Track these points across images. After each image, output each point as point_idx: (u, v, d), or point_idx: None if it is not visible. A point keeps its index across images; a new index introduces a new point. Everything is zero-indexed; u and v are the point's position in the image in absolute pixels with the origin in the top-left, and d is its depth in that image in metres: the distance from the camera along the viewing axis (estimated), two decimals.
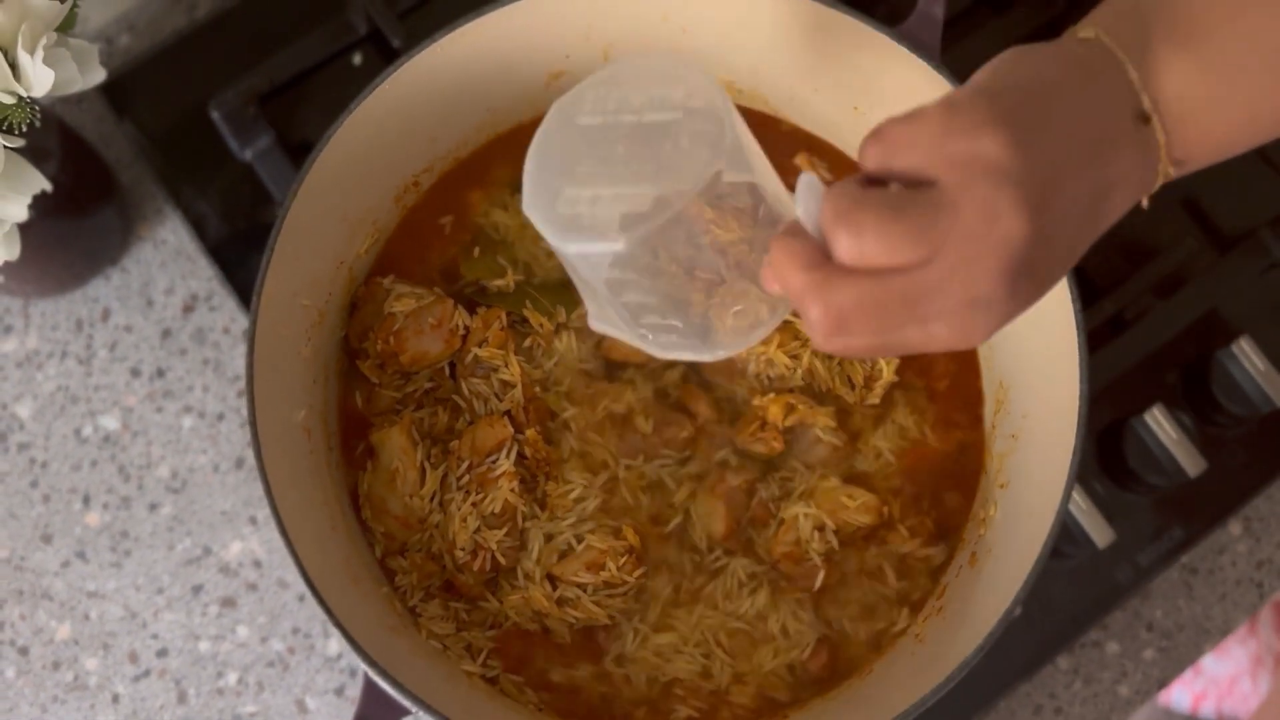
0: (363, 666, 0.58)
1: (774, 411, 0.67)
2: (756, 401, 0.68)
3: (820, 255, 0.45)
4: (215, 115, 0.80)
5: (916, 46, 0.64)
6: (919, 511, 0.68)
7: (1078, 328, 0.61)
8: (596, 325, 0.54)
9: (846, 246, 0.43)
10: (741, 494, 0.68)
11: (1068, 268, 0.48)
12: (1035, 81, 0.46)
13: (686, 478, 0.69)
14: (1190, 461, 0.75)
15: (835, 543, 0.66)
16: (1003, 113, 0.44)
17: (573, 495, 0.67)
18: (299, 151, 0.80)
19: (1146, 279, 0.79)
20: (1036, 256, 0.44)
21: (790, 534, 0.66)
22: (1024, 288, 0.45)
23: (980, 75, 0.47)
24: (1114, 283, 0.79)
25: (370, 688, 0.58)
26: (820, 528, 0.66)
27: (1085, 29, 0.50)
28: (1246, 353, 0.76)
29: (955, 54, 0.81)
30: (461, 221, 0.73)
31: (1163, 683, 0.78)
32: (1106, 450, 0.77)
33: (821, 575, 0.66)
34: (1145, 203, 0.50)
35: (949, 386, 0.71)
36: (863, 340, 0.45)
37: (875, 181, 0.45)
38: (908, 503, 0.68)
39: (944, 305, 0.44)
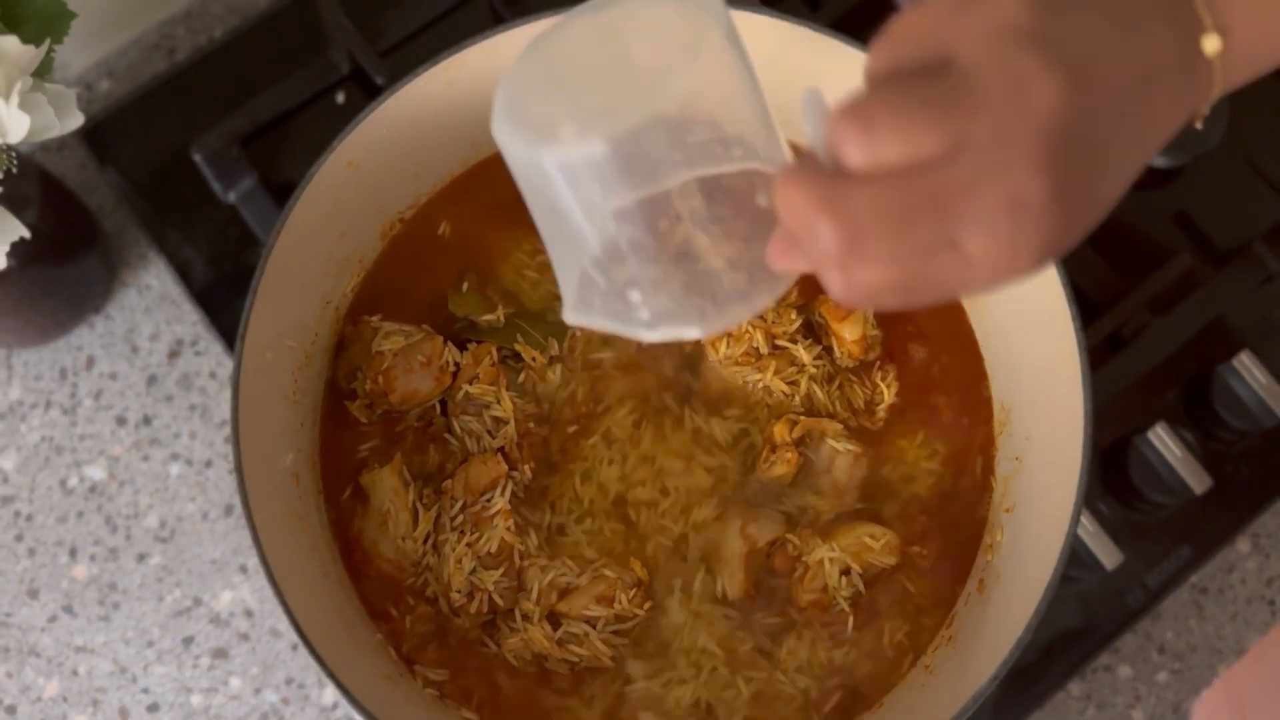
0: (358, 718, 0.56)
1: (779, 431, 0.66)
2: (766, 434, 0.67)
3: (830, 174, 0.38)
4: (197, 158, 0.79)
5: None
6: (926, 541, 0.67)
7: (1079, 346, 0.60)
8: (573, 316, 0.48)
9: (858, 143, 0.37)
10: (761, 556, 0.66)
11: (1119, 180, 0.40)
12: None
13: (698, 526, 0.67)
14: (1195, 479, 0.74)
15: (861, 586, 0.65)
16: None
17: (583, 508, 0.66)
18: (283, 192, 0.79)
19: (1143, 295, 0.78)
20: (1081, 134, 0.38)
21: (817, 580, 0.64)
22: (1070, 181, 0.38)
23: None
24: (1110, 300, 0.78)
25: None
26: (846, 571, 0.64)
27: None
28: (1248, 367, 0.75)
29: None
30: (448, 255, 0.72)
31: (1177, 706, 0.77)
32: (1110, 470, 0.76)
33: (851, 622, 0.64)
34: (1200, 123, 0.44)
35: (953, 405, 0.69)
36: (886, 269, 0.38)
37: None
38: (914, 532, 0.67)
39: (980, 208, 0.37)
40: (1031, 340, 0.65)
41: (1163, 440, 0.74)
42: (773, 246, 0.43)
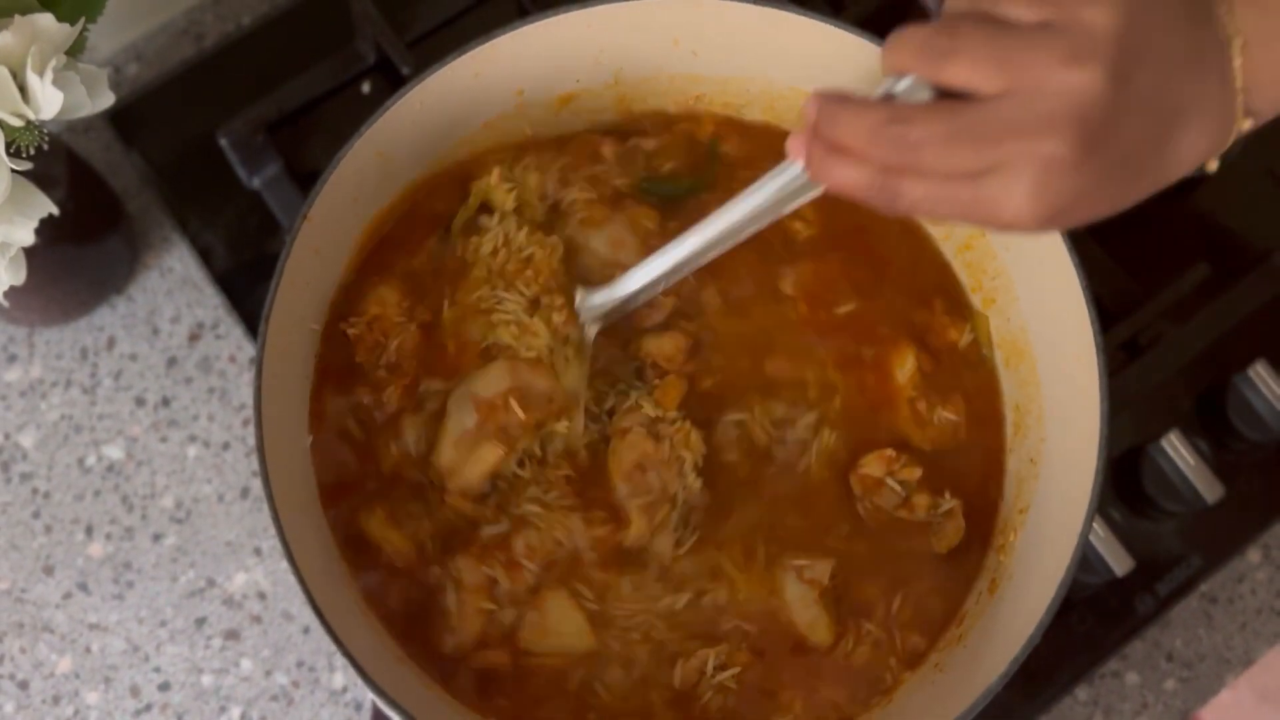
0: (369, 699, 0.56)
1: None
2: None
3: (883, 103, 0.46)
4: (223, 143, 0.80)
5: None
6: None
7: (1097, 349, 0.61)
8: None
9: (935, 56, 0.45)
10: (831, 591, 0.65)
11: (1128, 190, 0.47)
12: None
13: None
14: (1208, 488, 0.74)
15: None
16: None
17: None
18: (307, 180, 0.79)
19: (1160, 304, 0.78)
20: (1107, 131, 0.44)
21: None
22: (1092, 163, 0.44)
23: None
24: (1128, 308, 0.79)
25: (379, 718, 0.57)
26: None
27: None
28: (1263, 377, 0.76)
29: None
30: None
31: (1184, 714, 0.77)
32: (1123, 477, 0.76)
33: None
34: (1214, 164, 0.50)
35: (969, 401, 0.69)
36: (924, 186, 0.45)
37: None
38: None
39: (1014, 152, 0.44)
40: (1049, 341, 0.65)
41: (1176, 448, 0.74)
42: (793, 144, 0.50)
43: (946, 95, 0.46)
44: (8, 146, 0.57)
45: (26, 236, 0.60)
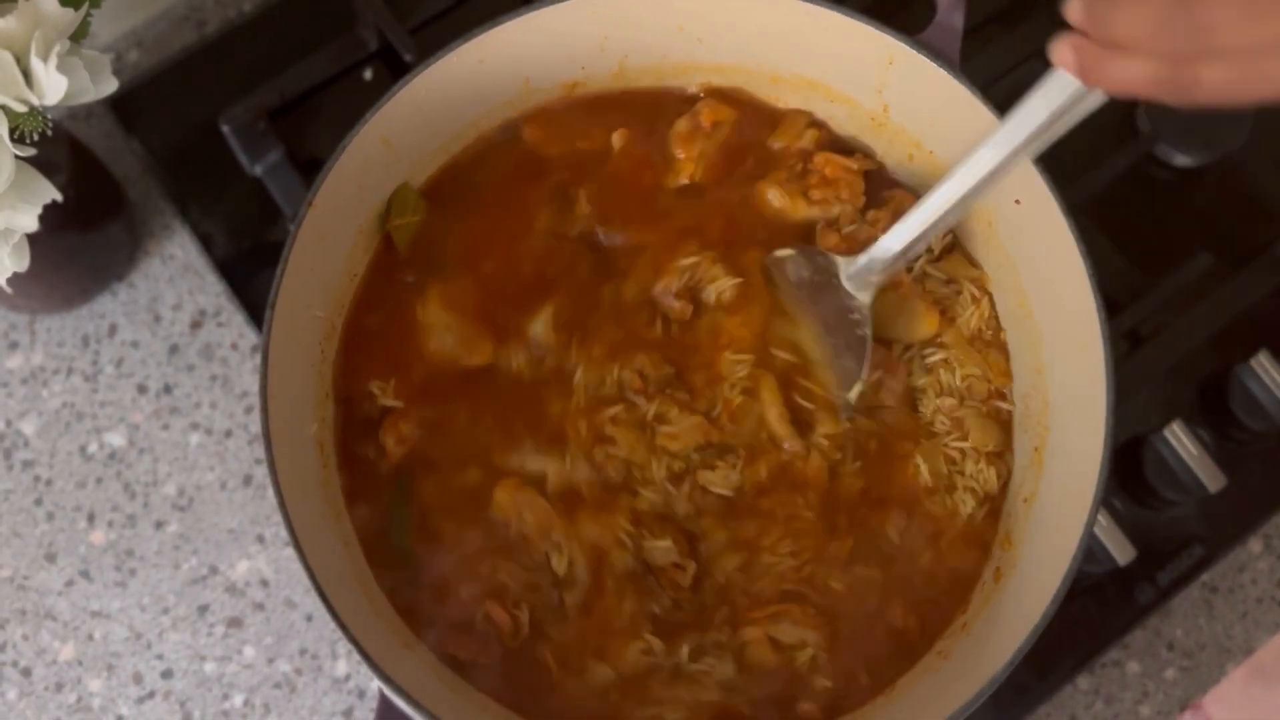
0: (374, 686, 0.56)
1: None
2: None
3: None
4: (225, 130, 0.80)
5: (936, 56, 0.64)
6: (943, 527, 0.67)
7: (1103, 338, 0.61)
8: None
9: None
10: None
11: None
12: None
13: None
14: (1210, 478, 0.74)
15: None
16: None
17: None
18: (309, 166, 0.79)
19: (1162, 294, 0.78)
20: None
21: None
22: None
23: None
24: (1130, 298, 0.79)
25: (385, 705, 0.57)
26: None
27: None
28: (1265, 367, 0.76)
29: (971, 66, 0.81)
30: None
31: (1185, 703, 0.77)
32: (1125, 467, 0.76)
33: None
34: None
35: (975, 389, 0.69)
36: (1225, 68, 0.42)
37: None
38: (931, 515, 0.67)
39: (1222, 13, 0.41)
40: (1055, 331, 0.65)
41: (1178, 438, 0.74)
42: (1060, 50, 0.47)
43: None
44: (11, 132, 0.57)
45: (30, 223, 0.60)
